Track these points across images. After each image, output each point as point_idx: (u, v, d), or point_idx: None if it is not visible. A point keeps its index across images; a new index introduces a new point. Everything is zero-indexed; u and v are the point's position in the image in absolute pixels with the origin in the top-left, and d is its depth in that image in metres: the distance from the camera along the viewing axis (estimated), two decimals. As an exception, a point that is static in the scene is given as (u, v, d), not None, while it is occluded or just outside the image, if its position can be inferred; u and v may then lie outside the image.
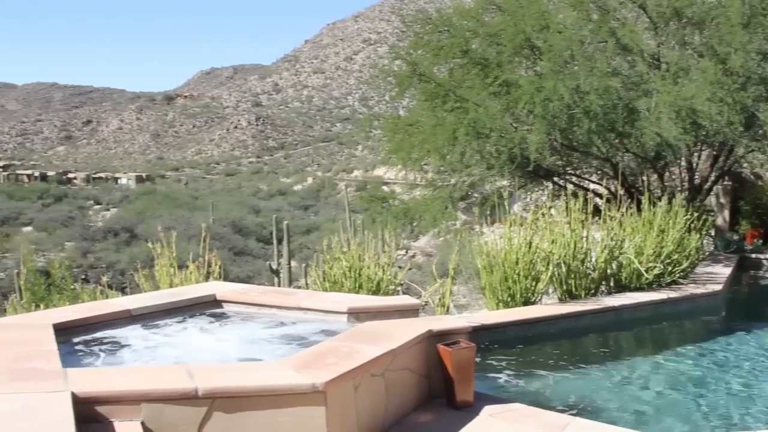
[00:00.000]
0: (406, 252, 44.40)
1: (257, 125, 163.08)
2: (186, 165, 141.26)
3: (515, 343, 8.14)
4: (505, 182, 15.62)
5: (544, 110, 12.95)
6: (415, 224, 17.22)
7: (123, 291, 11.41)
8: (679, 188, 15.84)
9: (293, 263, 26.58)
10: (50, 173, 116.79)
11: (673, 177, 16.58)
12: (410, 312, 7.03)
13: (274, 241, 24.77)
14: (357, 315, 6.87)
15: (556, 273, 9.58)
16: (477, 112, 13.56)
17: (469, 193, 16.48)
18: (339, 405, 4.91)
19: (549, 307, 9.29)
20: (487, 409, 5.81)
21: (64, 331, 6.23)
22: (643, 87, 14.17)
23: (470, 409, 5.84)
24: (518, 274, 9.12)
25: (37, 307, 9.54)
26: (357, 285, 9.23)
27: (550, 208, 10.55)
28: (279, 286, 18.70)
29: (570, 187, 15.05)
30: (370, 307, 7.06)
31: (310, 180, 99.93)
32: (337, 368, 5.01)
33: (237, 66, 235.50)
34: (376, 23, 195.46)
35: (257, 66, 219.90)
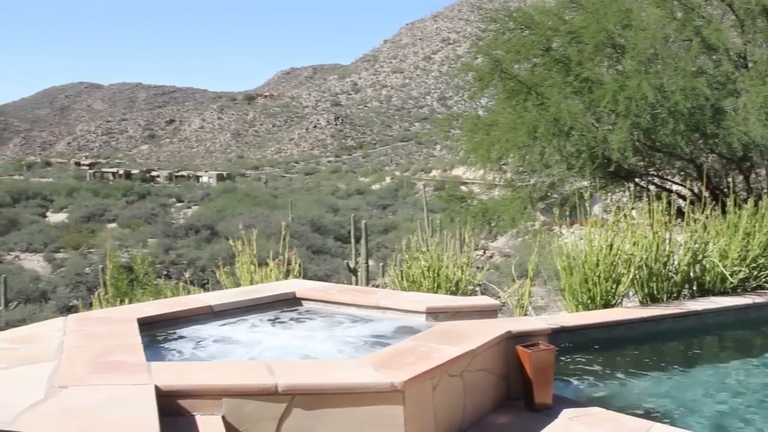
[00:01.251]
0: (484, 252, 44.19)
1: (336, 125, 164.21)
2: (266, 164, 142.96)
3: (595, 346, 8.02)
4: (585, 183, 15.41)
5: (627, 109, 12.74)
6: (493, 224, 17.10)
7: (203, 287, 11.59)
8: (765, 190, 15.43)
9: (371, 262, 26.69)
10: (134, 171, 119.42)
11: (760, 178, 16.16)
12: (489, 313, 6.99)
13: (352, 240, 24.90)
14: (436, 315, 6.86)
15: (637, 276, 9.41)
16: (559, 108, 13.41)
17: (549, 193, 16.30)
18: (417, 404, 4.90)
19: (630, 310, 9.12)
20: (566, 413, 5.74)
21: (147, 326, 6.36)
22: (729, 87, 13.85)
23: (549, 412, 5.77)
24: (599, 276, 8.98)
25: (122, 301, 9.73)
26: (435, 285, 9.20)
27: (632, 209, 10.36)
28: (356, 284, 18.79)
29: (652, 188, 14.79)
30: (449, 306, 7.04)
31: (388, 179, 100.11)
32: (416, 368, 5.00)
33: (316, 66, 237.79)
34: (455, 22, 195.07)
35: (336, 66, 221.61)
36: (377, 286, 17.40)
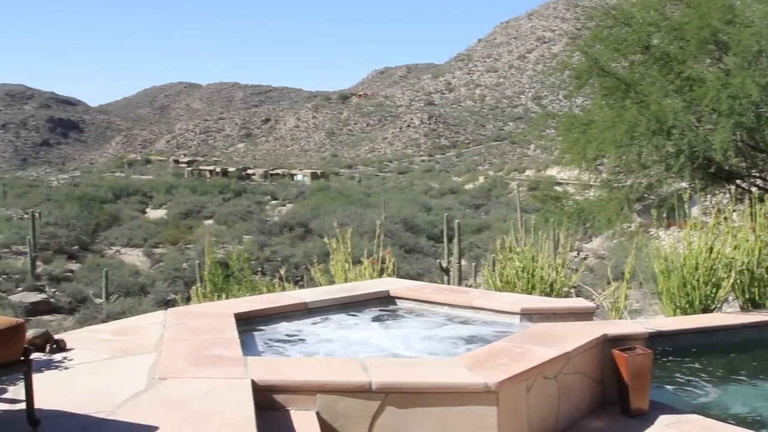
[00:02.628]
0: (578, 254, 43.59)
1: (430, 124, 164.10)
2: (359, 162, 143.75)
3: (693, 352, 7.83)
4: (684, 184, 15.05)
5: (730, 108, 12.39)
6: (588, 225, 16.84)
7: (297, 284, 11.71)
8: None
9: (463, 262, 26.59)
10: (231, 169, 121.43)
11: None
12: (584, 315, 6.89)
13: (445, 240, 24.88)
14: (530, 316, 6.80)
15: (738, 280, 9.15)
16: (660, 106, 13.11)
17: (646, 194, 15.96)
18: (510, 406, 4.87)
19: (730, 315, 8.88)
20: (663, 419, 5.62)
21: (243, 321, 6.47)
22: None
23: (645, 418, 5.66)
24: (697, 280, 8.77)
25: (218, 296, 9.92)
26: (529, 286, 9.12)
27: (733, 212, 10.07)
28: (449, 284, 18.76)
29: (754, 190, 14.34)
30: (544, 308, 6.97)
31: (481, 179, 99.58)
32: (510, 369, 4.97)
33: (410, 65, 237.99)
34: (550, 21, 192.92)
35: (430, 65, 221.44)
36: (469, 286, 17.34)
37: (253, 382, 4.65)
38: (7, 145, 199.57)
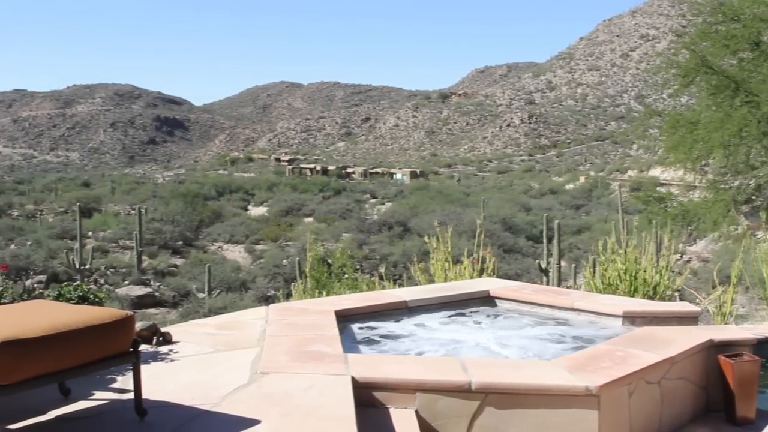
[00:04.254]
0: (681, 256, 42.56)
1: (530, 123, 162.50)
2: (459, 162, 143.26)
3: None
4: (795, 186, 14.57)
5: None
6: (693, 227, 16.46)
7: (395, 282, 11.76)
8: None
9: (562, 263, 26.27)
10: (331, 167, 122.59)
11: None
12: (689, 319, 6.73)
13: (544, 240, 24.60)
14: (632, 319, 6.68)
15: None
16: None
17: (754, 196, 15.51)
18: (612, 410, 4.79)
19: (844, 322, 8.58)
20: (771, 428, 5.46)
21: (344, 318, 6.54)
22: None
23: (751, 427, 5.51)
24: (809, 285, 8.49)
25: (319, 293, 10.03)
26: (632, 288, 8.97)
27: None
28: (548, 285, 18.56)
29: None
30: (647, 311, 6.84)
31: (582, 179, 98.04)
32: (612, 372, 4.90)
33: (511, 64, 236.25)
34: (654, 18, 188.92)
35: (531, 64, 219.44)
36: (569, 288, 17.13)
37: (353, 379, 4.69)
38: (115, 143, 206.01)
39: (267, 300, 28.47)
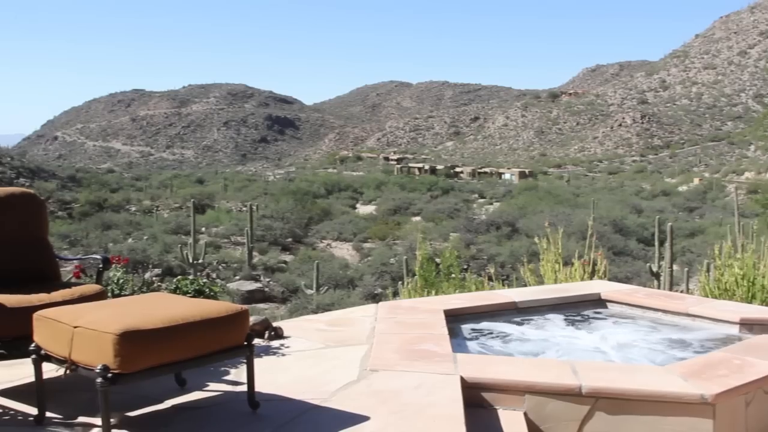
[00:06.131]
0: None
1: (642, 123, 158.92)
2: (568, 162, 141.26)
3: None
4: None
5: None
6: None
7: (503, 283, 11.68)
8: None
9: (675, 267, 25.62)
10: (439, 167, 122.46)
11: None
12: (811, 328, 6.48)
13: (656, 243, 24.03)
14: (750, 326, 6.47)
15: None
16: None
17: None
18: (728, 420, 4.65)
19: None
20: None
21: (453, 317, 6.54)
22: None
23: None
24: None
25: (428, 292, 10.05)
26: (749, 294, 8.69)
27: None
28: (659, 289, 18.15)
29: None
30: (766, 318, 6.61)
31: (696, 181, 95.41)
32: (728, 381, 4.75)
33: (623, 62, 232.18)
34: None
35: (644, 62, 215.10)
36: (681, 292, 16.71)
37: (461, 378, 4.69)
38: (228, 141, 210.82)
39: (374, 298, 28.67)
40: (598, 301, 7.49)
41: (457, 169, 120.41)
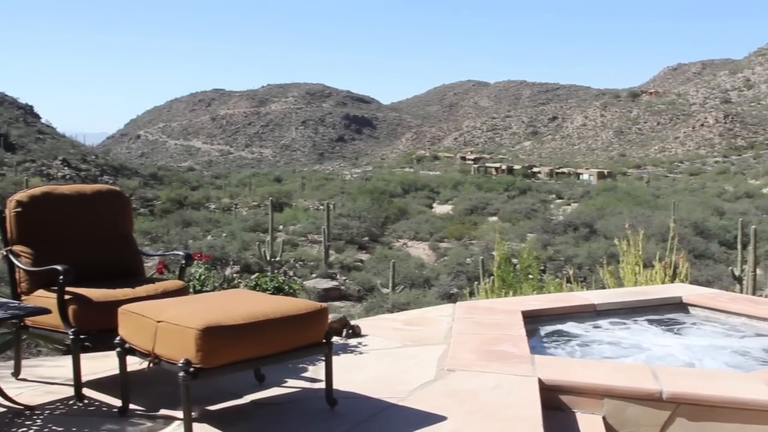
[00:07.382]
0: None
1: (725, 123, 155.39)
2: (648, 162, 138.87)
3: None
4: None
5: None
6: None
7: (581, 285, 11.57)
8: None
9: (758, 271, 25.02)
10: (516, 167, 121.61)
11: None
12: None
13: (739, 246, 23.51)
14: (839, 333, 6.30)
15: None
16: None
17: None
18: (813, 428, 4.53)
19: None
20: None
21: (531, 319, 6.50)
22: None
23: None
24: None
25: (505, 293, 10.00)
26: (837, 300, 8.43)
27: None
28: (741, 293, 17.77)
29: None
30: None
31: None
32: (816, 389, 4.63)
33: (705, 61, 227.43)
34: None
35: (727, 61, 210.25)
36: (764, 297, 16.33)
37: (539, 380, 4.66)
38: (306, 140, 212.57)
39: (450, 297, 28.59)
40: (679, 305, 7.36)
41: (535, 169, 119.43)
